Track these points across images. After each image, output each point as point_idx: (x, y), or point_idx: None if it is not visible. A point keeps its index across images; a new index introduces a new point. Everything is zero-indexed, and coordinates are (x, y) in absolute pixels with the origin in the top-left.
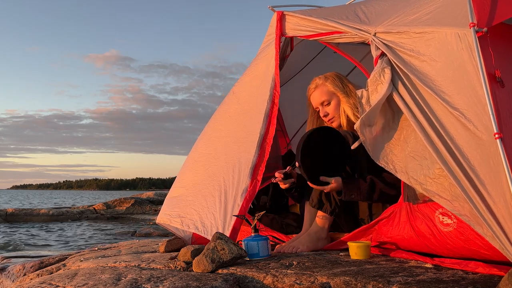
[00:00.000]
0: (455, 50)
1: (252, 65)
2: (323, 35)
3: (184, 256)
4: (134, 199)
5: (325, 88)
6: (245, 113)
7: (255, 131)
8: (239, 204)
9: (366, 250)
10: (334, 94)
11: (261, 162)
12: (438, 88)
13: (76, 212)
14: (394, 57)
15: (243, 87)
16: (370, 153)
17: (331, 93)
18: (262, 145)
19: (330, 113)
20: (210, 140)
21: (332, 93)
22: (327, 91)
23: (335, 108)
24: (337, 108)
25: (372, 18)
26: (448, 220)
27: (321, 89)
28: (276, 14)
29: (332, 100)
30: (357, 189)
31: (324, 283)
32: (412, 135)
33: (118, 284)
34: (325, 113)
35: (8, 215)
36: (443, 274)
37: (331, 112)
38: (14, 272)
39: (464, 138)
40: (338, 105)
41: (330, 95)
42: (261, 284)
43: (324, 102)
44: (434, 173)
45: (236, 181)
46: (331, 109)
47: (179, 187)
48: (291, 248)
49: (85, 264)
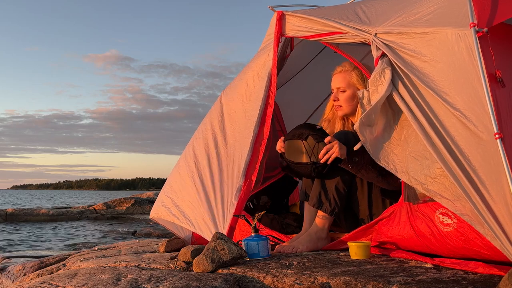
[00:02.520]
0: (456, 50)
1: (250, 64)
2: (323, 36)
3: (184, 256)
4: (134, 199)
5: (348, 76)
6: (240, 112)
7: (249, 131)
8: (234, 204)
9: (366, 250)
10: (353, 86)
11: (255, 162)
12: (439, 89)
13: (76, 212)
14: (395, 57)
15: (240, 86)
16: (370, 154)
17: (351, 83)
18: (255, 146)
19: (340, 100)
20: (204, 138)
21: (351, 84)
22: (348, 80)
23: (346, 99)
24: (349, 99)
25: (373, 18)
26: (448, 220)
27: (343, 75)
28: (276, 14)
29: (348, 90)
30: (360, 153)
31: (324, 283)
32: (413, 135)
33: (118, 284)
34: (336, 98)
35: (8, 215)
36: (443, 274)
37: (342, 100)
38: (14, 272)
39: (465, 138)
40: (351, 97)
41: (349, 84)
42: (261, 284)
43: (340, 88)
44: (434, 173)
45: (231, 180)
46: (343, 97)
47: (173, 185)
48: (291, 248)
49: (85, 264)
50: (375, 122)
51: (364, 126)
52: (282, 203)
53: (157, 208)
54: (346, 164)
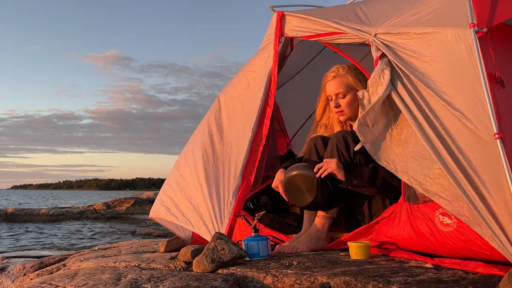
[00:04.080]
0: (456, 50)
1: (249, 64)
2: (323, 36)
3: (184, 256)
4: (134, 199)
5: (345, 80)
6: (239, 112)
7: (248, 131)
8: (232, 203)
9: (366, 250)
10: (352, 89)
11: (253, 162)
12: (438, 89)
13: (76, 212)
14: (395, 57)
15: (239, 86)
16: (371, 153)
17: (350, 86)
18: (254, 145)
19: (342, 106)
20: (202, 137)
21: (350, 87)
22: (346, 84)
23: (348, 103)
24: (351, 103)
25: (373, 19)
26: (448, 220)
27: (340, 80)
28: (276, 14)
29: (348, 94)
30: (360, 175)
31: (324, 283)
32: (413, 135)
33: (118, 284)
34: (337, 105)
35: (8, 215)
36: (443, 274)
37: (344, 105)
38: (14, 272)
39: (465, 138)
40: (352, 101)
41: (348, 88)
42: (261, 284)
43: (340, 94)
44: (434, 173)
45: (227, 179)
46: (344, 102)
47: (172, 184)
48: (291, 248)
49: (85, 264)
50: (374, 122)
51: (363, 127)
52: (282, 203)
53: (157, 208)
54: (346, 185)
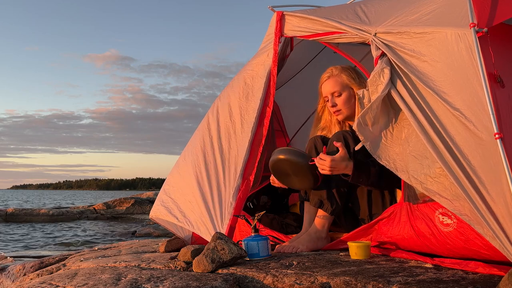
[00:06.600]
0: (456, 50)
1: (249, 64)
2: (323, 35)
3: (184, 256)
4: (134, 199)
5: (339, 79)
6: (238, 111)
7: (247, 131)
8: (232, 203)
9: (366, 250)
10: (347, 87)
11: (253, 162)
12: (438, 88)
13: (76, 212)
14: (395, 57)
15: (238, 86)
16: (371, 152)
17: (345, 85)
18: (253, 146)
19: (338, 105)
20: (201, 137)
21: (345, 85)
22: (341, 82)
23: (345, 101)
24: (347, 101)
25: (372, 18)
26: (448, 220)
27: (335, 80)
28: (276, 14)
29: (343, 92)
30: (367, 174)
31: (324, 283)
32: (413, 134)
33: (118, 284)
34: (334, 104)
35: (8, 215)
36: (443, 274)
37: (340, 104)
38: (14, 272)
39: (465, 138)
40: (348, 98)
41: (343, 87)
42: (261, 284)
43: (335, 93)
44: (434, 172)
45: (227, 180)
46: (341, 101)
47: (172, 184)
48: (291, 248)
49: (85, 264)
50: (374, 121)
51: (362, 126)
52: (282, 203)
53: (157, 208)
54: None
